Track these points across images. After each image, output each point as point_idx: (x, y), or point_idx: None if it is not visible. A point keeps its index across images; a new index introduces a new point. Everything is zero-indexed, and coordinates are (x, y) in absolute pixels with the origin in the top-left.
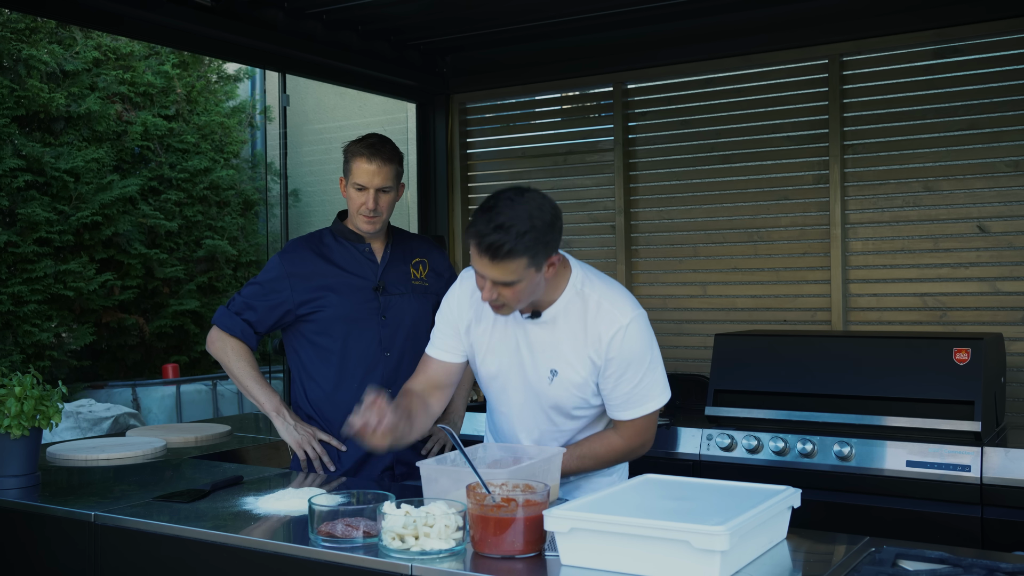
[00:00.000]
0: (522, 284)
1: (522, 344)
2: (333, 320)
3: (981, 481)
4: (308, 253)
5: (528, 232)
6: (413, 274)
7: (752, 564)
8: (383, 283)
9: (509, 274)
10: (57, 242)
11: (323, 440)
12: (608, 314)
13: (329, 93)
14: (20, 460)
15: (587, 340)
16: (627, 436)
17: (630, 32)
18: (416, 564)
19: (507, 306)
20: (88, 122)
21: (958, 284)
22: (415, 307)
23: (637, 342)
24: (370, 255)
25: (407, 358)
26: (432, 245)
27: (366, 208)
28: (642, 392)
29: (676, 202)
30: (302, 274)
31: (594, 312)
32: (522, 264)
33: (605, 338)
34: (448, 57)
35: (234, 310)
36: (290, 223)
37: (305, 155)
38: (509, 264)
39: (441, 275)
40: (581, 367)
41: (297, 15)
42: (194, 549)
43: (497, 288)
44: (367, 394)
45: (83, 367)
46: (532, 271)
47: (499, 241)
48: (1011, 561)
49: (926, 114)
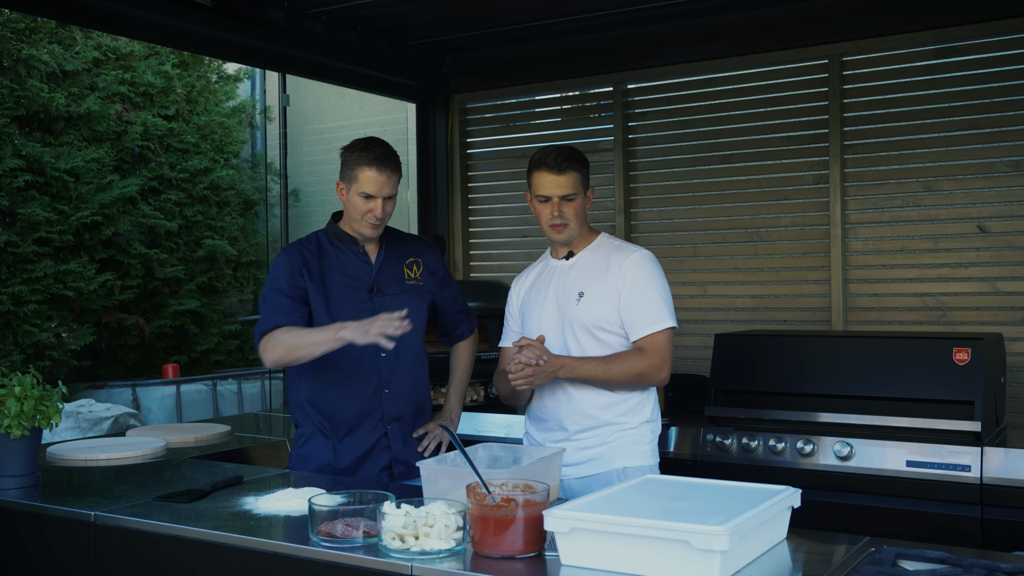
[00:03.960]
0: (577, 201)
1: (556, 284)
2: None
3: (981, 481)
4: (305, 255)
5: (580, 155)
6: (407, 274)
7: (752, 564)
8: (377, 284)
9: (570, 187)
10: (57, 242)
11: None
12: (623, 250)
13: (329, 93)
14: (20, 460)
15: (609, 272)
16: (649, 351)
17: (630, 32)
18: (416, 564)
19: (567, 226)
20: (88, 122)
21: (958, 284)
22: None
23: (648, 266)
24: (364, 256)
25: (403, 357)
26: (426, 245)
27: (373, 216)
28: (658, 310)
29: (676, 202)
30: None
31: (613, 251)
32: (578, 179)
33: (623, 266)
34: (448, 57)
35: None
36: (290, 223)
37: (305, 155)
38: (570, 176)
39: (436, 274)
40: (603, 290)
41: (297, 15)
42: (194, 549)
43: (560, 205)
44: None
45: (83, 367)
46: (582, 190)
47: (565, 154)
48: (1011, 561)
49: (926, 114)
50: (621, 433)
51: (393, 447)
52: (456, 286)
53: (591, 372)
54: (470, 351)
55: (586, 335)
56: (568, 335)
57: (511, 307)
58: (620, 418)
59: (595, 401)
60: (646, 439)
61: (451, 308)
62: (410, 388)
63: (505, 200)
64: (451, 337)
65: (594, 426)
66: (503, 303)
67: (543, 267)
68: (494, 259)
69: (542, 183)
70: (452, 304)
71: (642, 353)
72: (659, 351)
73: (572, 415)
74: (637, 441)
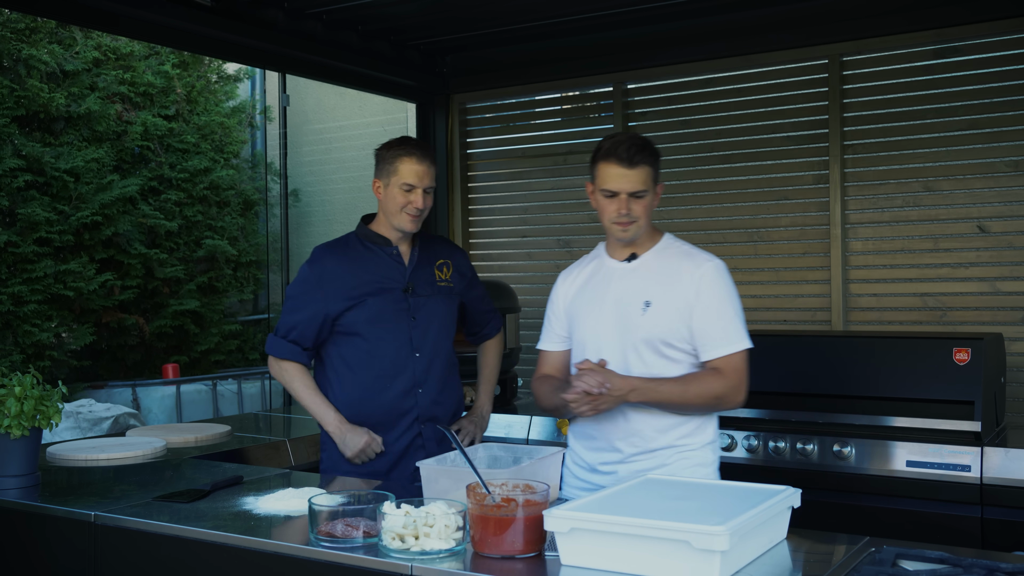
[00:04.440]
0: (646, 198)
1: (616, 289)
2: (364, 323)
3: (981, 481)
4: (335, 260)
5: (652, 146)
6: (438, 275)
7: (752, 564)
8: (412, 284)
9: (640, 182)
10: (57, 242)
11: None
12: (695, 257)
13: (329, 93)
14: (20, 460)
15: (679, 281)
16: (727, 372)
17: (630, 32)
18: (416, 564)
19: (636, 223)
20: (88, 122)
21: (958, 284)
22: (443, 307)
23: (724, 280)
24: (398, 257)
25: (437, 358)
26: (454, 247)
27: (413, 207)
28: (736, 329)
29: (676, 202)
30: (332, 282)
31: (683, 257)
32: (649, 174)
33: (695, 275)
34: (448, 57)
35: (280, 334)
36: (290, 223)
37: (305, 155)
38: (642, 171)
39: (464, 276)
40: (672, 300)
41: (297, 15)
42: (194, 549)
43: (629, 202)
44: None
45: (83, 367)
46: (652, 185)
47: (638, 145)
48: (1011, 561)
49: (926, 114)
50: (682, 455)
51: (427, 447)
52: (482, 286)
53: (666, 395)
54: (498, 349)
55: (650, 350)
56: (629, 349)
57: (555, 306)
58: (681, 440)
59: (654, 423)
60: (709, 461)
61: (479, 308)
62: (443, 388)
63: (505, 200)
64: (478, 336)
65: (652, 449)
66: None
67: (598, 266)
68: (494, 259)
69: (609, 176)
70: (480, 304)
71: (720, 374)
72: (737, 372)
73: (628, 436)
74: (700, 463)
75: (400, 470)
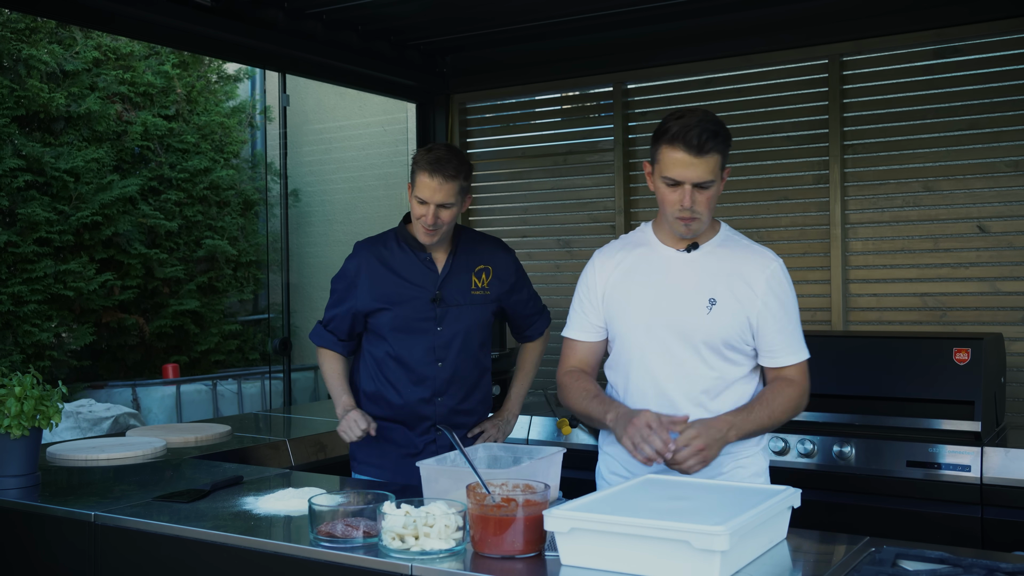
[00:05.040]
0: (713, 188)
1: (674, 281)
2: (389, 329)
3: (981, 481)
4: (372, 258)
5: (725, 130)
6: (475, 283)
7: (752, 564)
8: (441, 294)
9: (708, 172)
10: (57, 242)
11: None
12: (760, 255)
13: (329, 93)
14: (20, 460)
15: (742, 279)
16: (799, 380)
17: (630, 32)
18: (416, 564)
19: (699, 219)
20: (88, 122)
21: (958, 284)
22: (472, 318)
23: (789, 283)
24: (430, 264)
25: (460, 368)
26: (498, 247)
27: (425, 221)
28: (800, 338)
29: None
30: (365, 282)
31: (746, 253)
32: (718, 162)
33: (761, 277)
34: (448, 57)
35: (324, 323)
36: (290, 223)
37: (305, 155)
38: (711, 159)
39: (505, 280)
40: (738, 300)
41: (297, 15)
42: (194, 549)
43: (694, 193)
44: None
45: (83, 367)
46: (720, 174)
47: (710, 131)
48: (1011, 561)
49: (926, 114)
50: (736, 463)
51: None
52: (529, 287)
53: (758, 423)
54: (538, 351)
55: (713, 353)
56: (688, 349)
57: (591, 291)
58: (734, 447)
59: None
60: (763, 468)
61: (521, 312)
62: (467, 397)
63: (505, 200)
64: (520, 337)
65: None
66: None
67: (647, 252)
68: None
69: (674, 164)
70: (523, 308)
71: (793, 384)
72: (806, 378)
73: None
74: (756, 473)
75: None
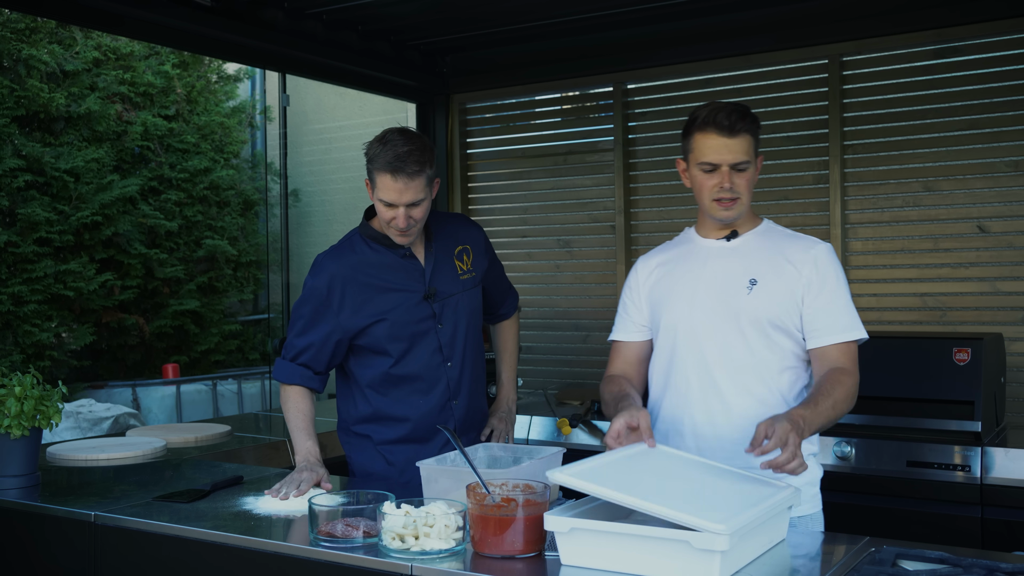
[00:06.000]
0: (749, 171)
1: (714, 267)
2: (388, 340)
3: (981, 481)
4: (344, 270)
5: (753, 114)
6: (459, 267)
7: (752, 564)
8: (434, 289)
9: (743, 152)
10: (57, 242)
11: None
12: (802, 240)
13: (329, 93)
14: (20, 460)
15: (787, 262)
16: (850, 365)
17: (630, 32)
18: (416, 564)
19: (739, 199)
20: (88, 122)
21: (958, 284)
22: (468, 303)
23: (837, 263)
24: (412, 260)
25: (467, 362)
26: (467, 223)
27: (397, 224)
28: (854, 316)
29: (676, 202)
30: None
31: (789, 238)
32: (751, 143)
33: (808, 256)
34: (448, 57)
35: (288, 357)
36: (290, 223)
37: (305, 155)
38: (744, 139)
39: (483, 257)
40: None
41: (297, 15)
42: (194, 549)
43: (731, 175)
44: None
45: (83, 367)
46: (755, 157)
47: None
48: (1011, 561)
49: (926, 114)
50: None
51: None
52: (499, 262)
53: (825, 416)
54: (516, 329)
55: (757, 333)
56: (733, 332)
57: (635, 292)
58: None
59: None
60: (817, 476)
61: (498, 287)
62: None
63: (505, 200)
64: (496, 316)
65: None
66: None
67: (688, 248)
68: None
69: (709, 147)
70: (498, 283)
71: (847, 372)
72: (856, 363)
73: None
74: (810, 482)
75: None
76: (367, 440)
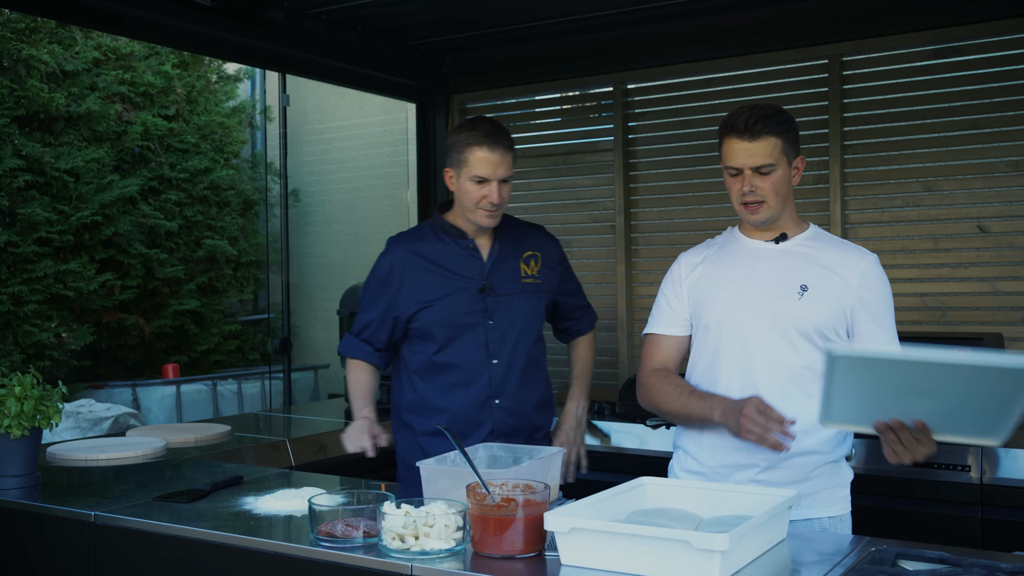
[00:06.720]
0: (777, 174)
1: (762, 269)
2: (435, 326)
3: (981, 481)
4: (407, 253)
5: (781, 114)
6: (524, 270)
7: (752, 564)
8: (489, 283)
9: (764, 155)
10: (57, 242)
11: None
12: (853, 250)
13: (329, 93)
14: (20, 460)
15: (835, 271)
16: None
17: (630, 32)
18: (416, 564)
19: (764, 203)
20: (88, 122)
21: (958, 284)
22: (525, 308)
23: (884, 278)
24: (474, 252)
25: (516, 364)
26: (545, 235)
27: (488, 203)
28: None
29: (676, 202)
30: (403, 279)
31: (838, 246)
32: (777, 146)
33: (857, 268)
34: (448, 57)
35: (354, 332)
36: (290, 223)
37: (305, 155)
38: (766, 142)
39: (555, 270)
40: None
41: (297, 15)
42: (194, 549)
43: (754, 179)
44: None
45: (83, 367)
46: (784, 160)
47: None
48: (1011, 561)
49: (926, 114)
50: (821, 468)
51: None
52: (576, 279)
53: None
54: (592, 345)
55: (805, 341)
56: (780, 336)
57: (676, 285)
58: (822, 445)
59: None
60: (848, 477)
61: (571, 303)
62: (525, 398)
63: None
64: (569, 333)
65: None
66: None
67: (734, 249)
68: None
69: (730, 151)
70: (573, 299)
71: None
72: None
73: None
74: (842, 483)
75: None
76: (411, 431)
